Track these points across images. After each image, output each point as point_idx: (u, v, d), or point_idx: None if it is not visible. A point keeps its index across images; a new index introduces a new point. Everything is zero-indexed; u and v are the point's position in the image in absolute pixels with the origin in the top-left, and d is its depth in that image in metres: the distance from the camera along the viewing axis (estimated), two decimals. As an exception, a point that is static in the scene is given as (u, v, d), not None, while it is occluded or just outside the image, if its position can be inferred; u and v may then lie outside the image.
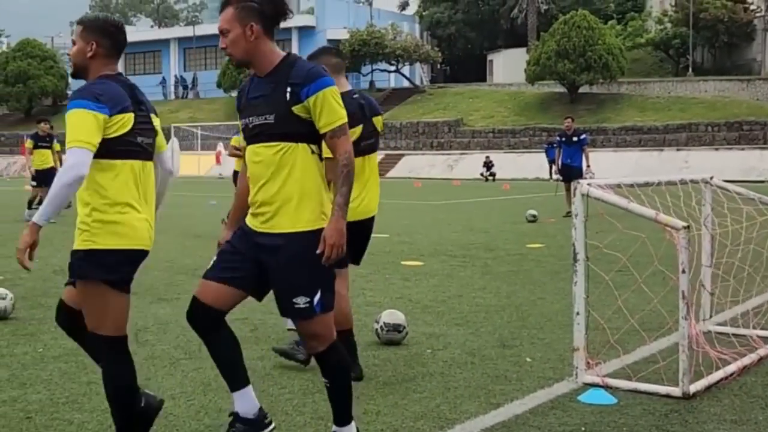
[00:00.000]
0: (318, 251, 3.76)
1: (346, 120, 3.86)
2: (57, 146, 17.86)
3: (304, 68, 3.85)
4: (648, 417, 4.71)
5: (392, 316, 6.48)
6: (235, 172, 15.03)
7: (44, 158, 17.97)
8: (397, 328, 6.41)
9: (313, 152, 3.88)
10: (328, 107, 3.78)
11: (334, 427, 4.08)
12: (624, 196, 5.41)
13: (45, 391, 5.19)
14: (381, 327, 6.41)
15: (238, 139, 14.94)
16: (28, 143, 18.15)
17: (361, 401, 4.97)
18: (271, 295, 4.04)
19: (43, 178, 17.33)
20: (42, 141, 17.98)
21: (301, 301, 3.85)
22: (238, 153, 13.26)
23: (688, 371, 5.01)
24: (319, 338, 3.96)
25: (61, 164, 18.83)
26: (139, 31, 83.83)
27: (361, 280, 9.59)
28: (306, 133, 3.83)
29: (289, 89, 3.79)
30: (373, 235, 5.67)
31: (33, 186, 17.80)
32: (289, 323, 5.78)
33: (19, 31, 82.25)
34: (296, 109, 3.78)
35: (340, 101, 3.86)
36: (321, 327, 3.94)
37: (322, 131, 3.82)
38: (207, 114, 62.70)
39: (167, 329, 6.97)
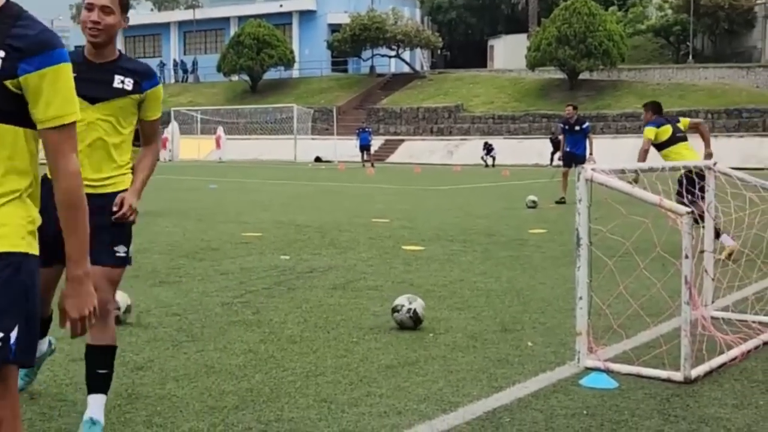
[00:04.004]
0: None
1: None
2: None
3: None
4: (649, 401, 4.73)
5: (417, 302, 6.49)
6: None
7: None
8: (395, 308, 6.42)
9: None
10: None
11: None
12: (627, 181, 5.42)
13: (48, 372, 5.19)
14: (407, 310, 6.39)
15: None
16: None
17: (363, 384, 5.00)
18: (274, 279, 4.04)
19: None
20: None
21: None
22: None
23: (690, 356, 5.03)
24: None
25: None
26: (139, 14, 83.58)
27: (362, 265, 9.61)
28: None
29: None
30: (373, 219, 5.66)
31: None
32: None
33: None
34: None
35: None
36: None
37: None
38: (207, 98, 62.64)
39: (169, 312, 6.98)
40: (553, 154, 38.46)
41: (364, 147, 42.71)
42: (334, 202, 19.52)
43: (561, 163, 20.05)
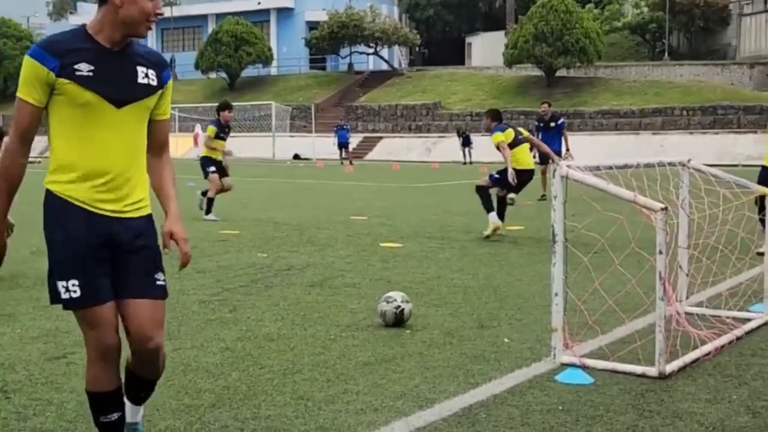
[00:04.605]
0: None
1: None
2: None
3: None
4: (624, 396, 4.77)
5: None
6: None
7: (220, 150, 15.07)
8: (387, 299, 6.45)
9: None
10: None
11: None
12: (602, 178, 5.45)
13: (24, 372, 5.17)
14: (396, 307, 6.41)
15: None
16: (210, 130, 14.76)
17: (340, 381, 5.01)
18: (252, 277, 4.03)
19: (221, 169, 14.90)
20: (222, 131, 14.97)
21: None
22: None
23: (664, 351, 5.07)
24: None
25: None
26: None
27: (340, 262, 9.62)
28: None
29: None
30: (352, 217, 5.67)
31: (211, 172, 14.72)
32: None
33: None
34: None
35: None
36: None
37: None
38: (185, 95, 62.30)
39: (146, 310, 6.94)
40: (530, 150, 38.52)
41: (343, 144, 42.66)
42: (312, 199, 19.50)
43: (538, 160, 20.11)
